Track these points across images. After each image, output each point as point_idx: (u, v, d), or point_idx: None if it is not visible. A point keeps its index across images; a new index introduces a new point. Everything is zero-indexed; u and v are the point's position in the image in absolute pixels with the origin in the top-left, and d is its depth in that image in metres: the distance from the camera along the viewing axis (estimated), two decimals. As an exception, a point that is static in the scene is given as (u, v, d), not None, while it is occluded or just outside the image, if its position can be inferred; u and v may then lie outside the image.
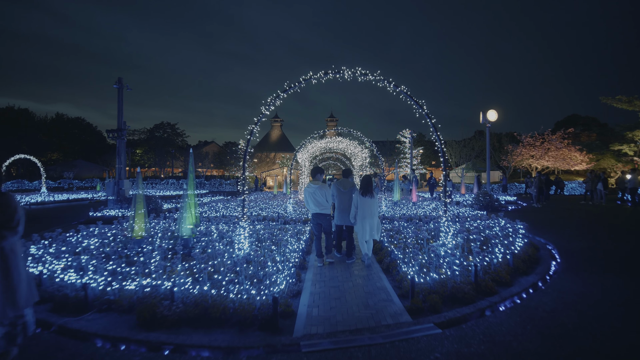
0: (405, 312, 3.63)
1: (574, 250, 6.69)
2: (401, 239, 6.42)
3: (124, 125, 12.27)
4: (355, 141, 14.33)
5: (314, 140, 14.81)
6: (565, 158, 28.65)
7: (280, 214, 10.44)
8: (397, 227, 7.80)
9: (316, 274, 5.04)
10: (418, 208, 11.56)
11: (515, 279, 4.71)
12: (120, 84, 12.68)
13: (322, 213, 5.49)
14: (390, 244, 6.06)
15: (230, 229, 7.43)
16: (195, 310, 3.40)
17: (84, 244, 5.96)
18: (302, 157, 15.11)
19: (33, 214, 13.70)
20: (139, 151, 45.79)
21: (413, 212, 10.70)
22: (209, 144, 59.47)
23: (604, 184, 16.63)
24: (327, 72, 5.29)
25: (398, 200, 12.61)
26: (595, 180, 17.10)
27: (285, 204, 11.81)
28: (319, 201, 5.44)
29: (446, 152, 20.55)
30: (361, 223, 5.43)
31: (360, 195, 5.45)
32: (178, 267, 4.42)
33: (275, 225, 8.30)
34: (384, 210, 10.93)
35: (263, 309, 3.38)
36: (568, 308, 3.86)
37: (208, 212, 11.26)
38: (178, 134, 49.30)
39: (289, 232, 7.28)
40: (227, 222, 8.79)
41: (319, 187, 5.47)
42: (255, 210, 11.43)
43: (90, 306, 3.73)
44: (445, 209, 5.94)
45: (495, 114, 18.82)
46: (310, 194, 5.47)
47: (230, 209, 11.82)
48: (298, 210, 11.52)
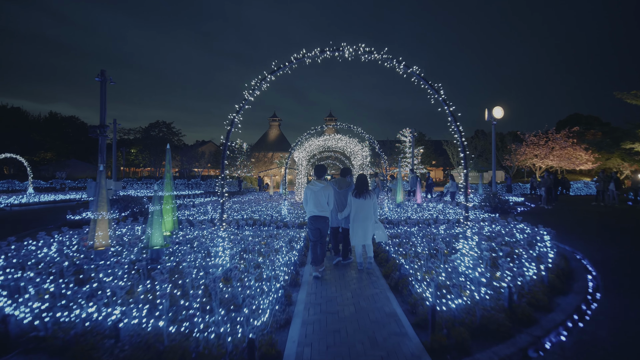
0: (425, 354, 2.76)
1: (606, 260, 5.85)
2: (411, 247, 5.56)
3: (115, 121, 11.31)
4: (355, 138, 13.47)
5: (312, 137, 13.96)
6: (571, 157, 27.87)
7: (273, 217, 9.57)
8: (403, 232, 6.94)
9: (310, 294, 4.18)
10: (423, 210, 10.71)
11: (554, 301, 3.86)
12: (103, 76, 11.78)
13: (321, 216, 4.93)
14: (397, 254, 5.21)
15: (213, 236, 6.56)
16: (144, 355, 2.53)
17: (39, 256, 5.07)
18: (299, 156, 14.24)
19: (10, 216, 12.79)
20: (134, 150, 44.74)
21: (419, 215, 9.84)
22: (206, 143, 58.52)
23: (616, 184, 15.82)
24: (324, 50, 4.41)
25: (401, 202, 11.75)
26: (607, 180, 16.29)
27: (280, 205, 10.96)
28: (320, 203, 4.89)
29: (447, 150, 19.55)
30: (352, 226, 5.16)
31: (353, 196, 5.14)
32: (139, 289, 3.55)
33: (266, 231, 7.43)
34: (387, 213, 10.07)
35: (236, 355, 2.51)
36: (635, 344, 3.01)
37: (196, 215, 10.38)
38: (174, 133, 48.27)
39: (281, 239, 6.42)
40: (212, 228, 7.92)
41: (324, 188, 4.92)
42: (247, 213, 10.56)
43: (13, 345, 2.86)
44: (466, 214, 5.08)
45: (502, 110, 18.00)
46: (313, 194, 4.88)
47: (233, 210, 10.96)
48: (294, 212, 10.65)
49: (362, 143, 13.62)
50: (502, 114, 17.99)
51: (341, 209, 5.38)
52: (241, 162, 41.66)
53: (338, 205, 5.41)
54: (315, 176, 5.12)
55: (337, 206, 5.39)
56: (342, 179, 5.66)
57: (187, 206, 12.98)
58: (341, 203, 5.42)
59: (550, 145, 28.81)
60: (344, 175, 5.77)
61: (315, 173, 5.14)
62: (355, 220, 5.13)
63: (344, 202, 5.40)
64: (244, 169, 41.69)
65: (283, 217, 9.83)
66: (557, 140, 28.83)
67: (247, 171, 42.18)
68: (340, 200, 5.43)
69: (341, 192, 5.43)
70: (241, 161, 41.59)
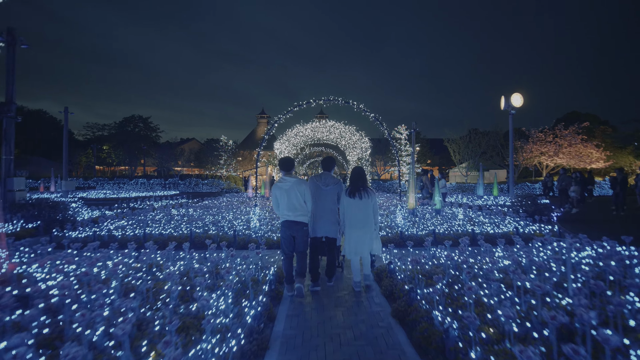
0: None
1: None
2: (447, 284, 2.77)
3: (66, 110, 8.21)
4: (353, 126, 10.64)
5: (297, 125, 11.09)
6: (582, 155, 25.71)
7: (237, 231, 6.68)
8: (430, 254, 4.18)
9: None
10: (446, 220, 7.96)
11: None
12: (12, 36, 8.68)
13: (295, 221, 3.92)
14: (419, 289, 2.43)
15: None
16: None
17: None
18: (281, 148, 11.33)
19: None
20: (106, 147, 40.86)
21: (443, 226, 7.10)
22: (189, 140, 55.03)
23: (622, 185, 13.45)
24: None
25: (414, 209, 8.95)
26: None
27: (254, 210, 8.03)
28: (293, 204, 3.89)
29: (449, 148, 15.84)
30: (346, 233, 4.01)
31: (347, 195, 4.01)
32: None
33: (211, 258, 4.51)
34: (401, 224, 7.26)
35: None
36: None
37: (122, 228, 7.39)
38: (151, 128, 44.43)
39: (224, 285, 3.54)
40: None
41: (296, 183, 3.92)
42: (206, 225, 7.64)
43: None
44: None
45: (521, 98, 15.48)
46: (283, 193, 3.90)
47: (178, 220, 7.98)
48: (269, 219, 7.77)
49: (359, 132, 10.77)
50: (522, 102, 15.49)
51: (327, 212, 4.09)
52: (225, 161, 38.50)
53: (323, 208, 4.09)
54: (283, 171, 4.09)
55: (321, 209, 4.09)
56: (326, 174, 4.27)
57: (126, 212, 9.91)
58: (327, 205, 4.09)
59: (558, 142, 26.61)
60: (327, 168, 4.34)
61: (282, 167, 4.11)
62: (350, 225, 3.98)
63: (330, 203, 4.10)
64: (229, 168, 38.53)
65: (254, 229, 6.95)
66: (566, 136, 26.67)
67: (232, 170, 39.02)
68: (326, 202, 4.10)
69: (327, 190, 4.10)
70: (225, 159, 38.43)
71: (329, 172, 4.31)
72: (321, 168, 4.42)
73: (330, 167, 4.33)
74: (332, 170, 4.36)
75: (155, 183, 34.27)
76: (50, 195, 21.21)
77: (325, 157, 4.47)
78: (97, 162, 42.19)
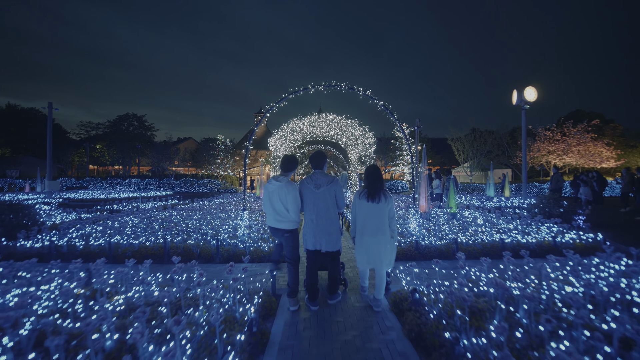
0: None
1: None
2: None
3: (50, 105, 7.09)
4: (356, 120, 9.60)
5: (294, 119, 10.05)
6: (594, 154, 24.71)
7: (221, 240, 5.63)
8: (458, 269, 3.13)
9: None
10: (465, 225, 6.91)
11: None
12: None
13: (277, 228, 3.50)
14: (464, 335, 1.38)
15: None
16: None
17: None
18: (276, 145, 10.28)
19: None
20: (99, 146, 39.63)
21: (463, 233, 6.06)
22: (186, 140, 53.90)
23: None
24: None
25: (425, 213, 7.88)
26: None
27: (242, 216, 6.96)
28: (276, 209, 3.46)
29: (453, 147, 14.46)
30: (359, 242, 3.41)
31: (364, 199, 3.36)
32: None
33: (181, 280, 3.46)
34: (414, 230, 6.21)
35: None
36: None
37: (96, 237, 6.32)
38: (146, 127, 43.21)
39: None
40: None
41: (280, 187, 3.45)
42: (190, 231, 6.59)
43: None
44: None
45: (534, 92, 14.46)
46: (266, 194, 3.53)
47: (159, 225, 6.93)
48: (260, 226, 6.72)
49: (362, 127, 9.73)
50: (536, 96, 14.48)
51: (323, 219, 3.38)
52: (222, 160, 37.43)
53: (318, 214, 3.39)
54: (281, 169, 3.64)
55: (316, 216, 3.39)
56: (317, 173, 3.54)
57: (110, 215, 8.85)
58: (323, 210, 3.39)
59: (567, 140, 25.63)
60: (317, 165, 3.59)
61: (281, 165, 3.64)
62: (362, 232, 3.36)
63: (327, 209, 3.39)
64: (225, 167, 37.46)
65: (242, 238, 5.91)
66: (574, 135, 25.68)
67: (229, 170, 37.95)
68: (321, 206, 3.40)
69: (320, 192, 3.41)
70: (222, 159, 37.35)
71: (320, 170, 3.57)
72: (312, 166, 3.61)
73: (321, 163, 3.58)
74: (324, 167, 3.63)
75: (149, 183, 33.17)
76: (38, 196, 20.14)
77: (314, 153, 3.64)
78: (91, 162, 41.01)
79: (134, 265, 4.06)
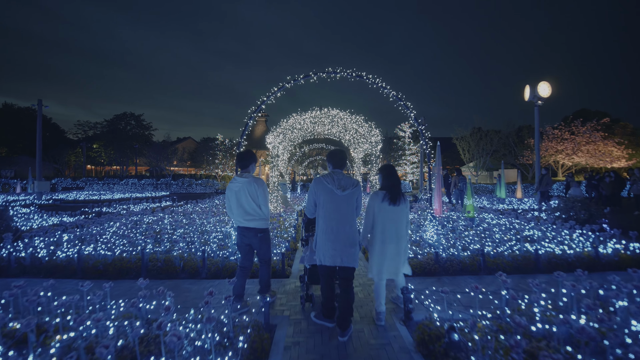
0: None
1: None
2: None
3: (40, 102, 6.42)
4: (361, 116, 8.83)
5: (294, 115, 9.29)
6: (604, 153, 23.89)
7: (208, 252, 4.87)
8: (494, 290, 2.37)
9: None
10: (485, 232, 6.13)
11: None
12: None
13: (248, 227, 3.27)
14: None
15: None
16: None
17: None
18: (274, 142, 9.50)
19: None
20: (96, 146, 38.86)
21: (486, 242, 5.29)
22: (185, 139, 53.24)
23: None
24: None
25: (441, 217, 7.08)
26: None
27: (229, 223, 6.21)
28: (245, 208, 3.24)
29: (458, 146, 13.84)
30: (376, 249, 3.06)
31: (386, 201, 3.02)
32: None
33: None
34: (432, 238, 5.42)
35: None
36: None
37: (66, 246, 5.56)
38: (144, 126, 42.47)
39: None
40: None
41: (246, 183, 3.25)
42: (176, 239, 5.83)
43: None
44: None
45: (549, 87, 13.70)
46: (232, 194, 3.29)
47: (143, 231, 6.16)
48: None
49: (368, 123, 8.98)
50: (550, 92, 13.70)
51: (343, 227, 2.82)
52: (221, 160, 36.73)
53: (338, 221, 2.83)
54: (238, 166, 3.46)
55: (335, 223, 2.83)
56: (339, 173, 2.96)
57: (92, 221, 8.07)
58: (344, 217, 2.84)
59: (576, 139, 24.83)
60: (339, 165, 3.01)
61: (238, 163, 3.43)
62: (383, 239, 3.01)
63: (348, 216, 2.86)
64: (225, 167, 36.74)
65: (232, 248, 5.15)
66: (583, 134, 24.88)
67: (228, 169, 37.22)
68: (342, 213, 2.84)
69: (344, 196, 2.85)
70: (221, 158, 36.65)
71: (340, 171, 3.04)
72: (330, 165, 3.07)
73: (343, 164, 3.09)
74: (345, 168, 3.13)
75: (146, 183, 32.44)
76: (27, 197, 19.41)
77: (334, 150, 3.11)
78: (88, 162, 40.31)
79: (95, 286, 3.31)
